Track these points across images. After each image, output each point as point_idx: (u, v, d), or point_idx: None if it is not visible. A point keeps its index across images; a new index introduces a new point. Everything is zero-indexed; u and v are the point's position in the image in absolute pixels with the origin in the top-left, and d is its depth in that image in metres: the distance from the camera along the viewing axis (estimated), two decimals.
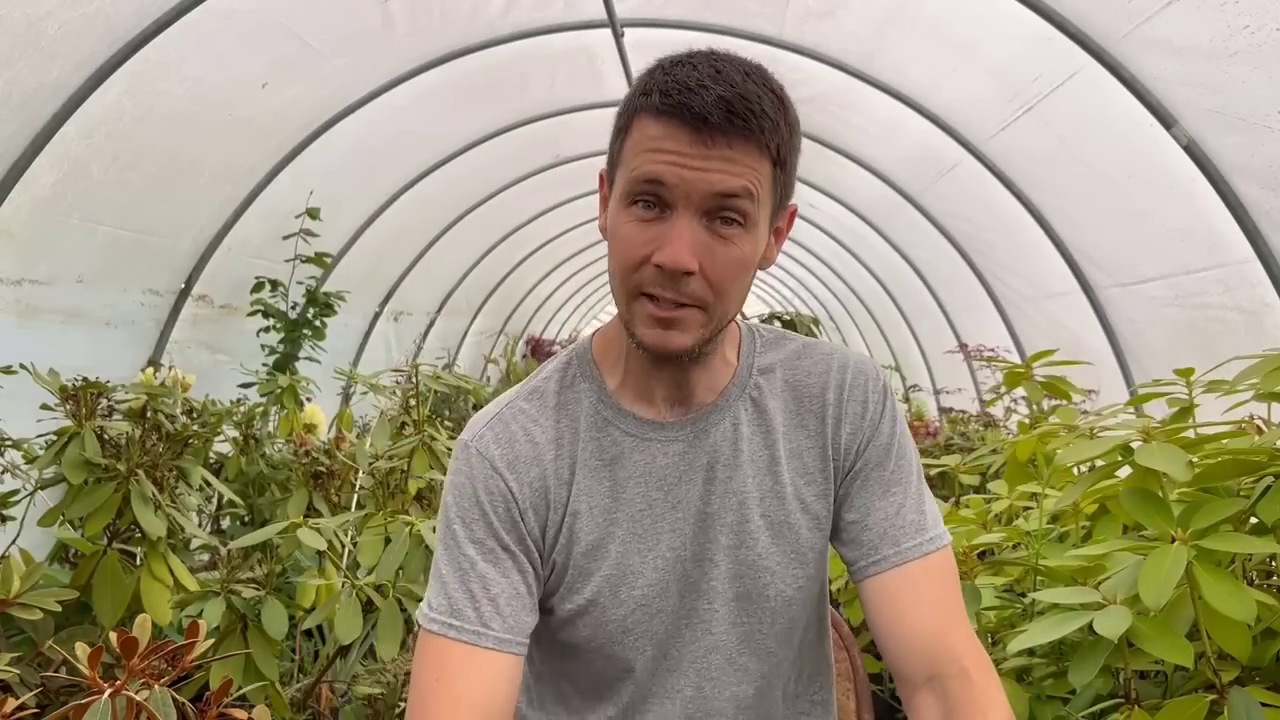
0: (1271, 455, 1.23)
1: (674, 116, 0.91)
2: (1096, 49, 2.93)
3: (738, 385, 1.09)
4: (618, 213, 0.96)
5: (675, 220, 0.92)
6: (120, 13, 2.65)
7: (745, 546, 1.05)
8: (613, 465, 1.05)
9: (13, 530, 2.09)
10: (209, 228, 3.87)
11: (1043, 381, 2.12)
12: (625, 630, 1.05)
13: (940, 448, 4.41)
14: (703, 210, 0.92)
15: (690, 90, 0.90)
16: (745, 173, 0.92)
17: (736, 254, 0.94)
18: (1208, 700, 1.10)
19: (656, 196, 0.93)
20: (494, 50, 4.12)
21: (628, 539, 1.04)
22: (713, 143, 0.90)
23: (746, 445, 1.06)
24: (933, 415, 6.71)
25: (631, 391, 1.07)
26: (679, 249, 0.91)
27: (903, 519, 1.05)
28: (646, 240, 0.93)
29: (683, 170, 0.91)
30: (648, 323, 0.96)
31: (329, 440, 2.76)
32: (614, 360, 1.09)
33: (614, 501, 1.05)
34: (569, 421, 1.07)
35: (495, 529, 1.01)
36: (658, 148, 0.92)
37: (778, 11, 3.88)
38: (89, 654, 1.19)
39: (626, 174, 0.95)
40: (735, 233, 0.93)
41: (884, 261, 6.72)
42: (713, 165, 0.91)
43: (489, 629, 0.97)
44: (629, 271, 0.95)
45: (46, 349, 2.98)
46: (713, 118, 0.89)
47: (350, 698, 2.30)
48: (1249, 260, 2.82)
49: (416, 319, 6.82)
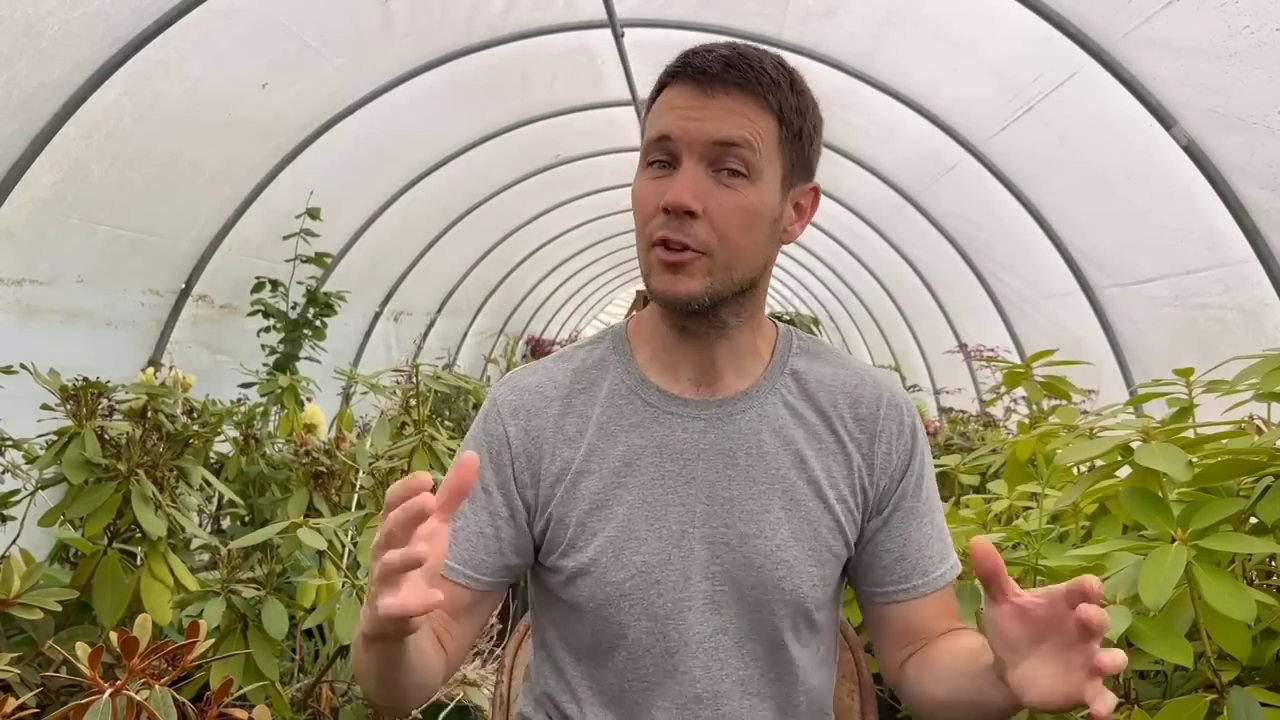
0: (1271, 455, 1.23)
1: (680, 77, 0.99)
2: (1096, 49, 2.93)
3: (768, 380, 1.10)
4: (638, 176, 1.03)
5: (681, 170, 0.98)
6: (120, 13, 2.65)
7: (764, 536, 1.06)
8: (630, 432, 1.08)
9: (13, 530, 2.09)
10: (209, 228, 3.87)
11: (1042, 381, 2.12)
12: (623, 594, 1.05)
13: (940, 448, 4.40)
14: (706, 159, 0.98)
15: (696, 53, 0.99)
16: (745, 124, 0.97)
17: (741, 201, 0.98)
18: (1207, 700, 1.10)
19: (666, 152, 0.99)
20: (494, 50, 4.12)
21: (635, 504, 1.06)
22: (712, 93, 0.97)
23: (771, 439, 1.08)
24: (933, 415, 6.71)
25: (659, 366, 1.10)
26: (680, 189, 0.96)
27: (932, 549, 1.11)
28: (658, 192, 0.99)
29: (685, 122, 0.97)
30: (658, 269, 1.00)
31: (329, 440, 2.76)
32: (646, 337, 1.13)
33: (625, 466, 1.07)
34: (588, 384, 1.11)
35: (482, 465, 1.06)
36: (666, 106, 1.00)
37: (777, 11, 3.88)
38: (89, 654, 1.19)
39: (644, 142, 1.03)
40: (739, 182, 0.98)
41: (884, 261, 6.72)
42: (711, 114, 0.97)
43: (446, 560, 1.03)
44: (644, 223, 1.00)
45: (46, 349, 2.98)
46: (711, 69, 0.97)
47: (350, 698, 2.30)
48: (1249, 260, 2.82)
49: (416, 319, 6.82)
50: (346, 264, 5.04)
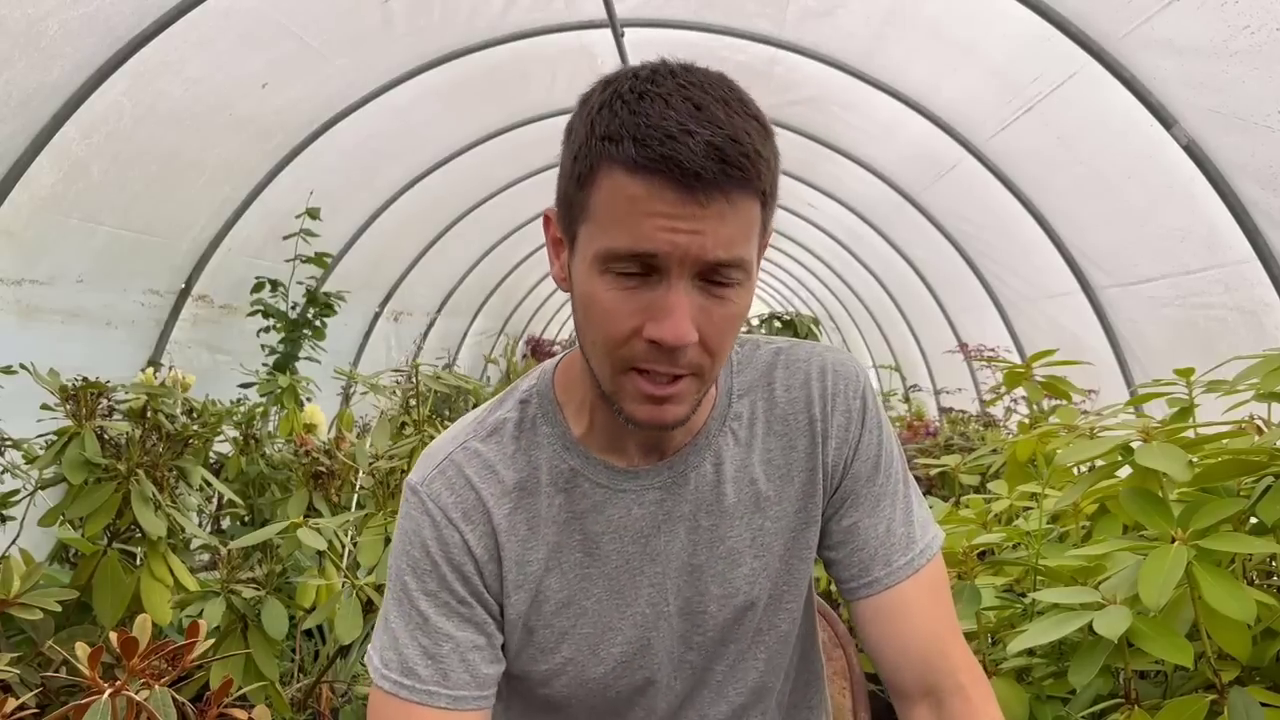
0: (1271, 455, 1.23)
1: (658, 174, 0.77)
2: (1096, 49, 2.93)
3: (716, 418, 0.99)
4: (592, 278, 0.83)
5: (668, 289, 0.80)
6: (120, 13, 2.65)
7: (741, 594, 1.00)
8: (583, 519, 0.97)
9: (13, 530, 2.10)
10: (209, 228, 3.87)
11: (1043, 381, 2.12)
12: (606, 686, 1.00)
13: (940, 448, 4.41)
14: (695, 274, 0.81)
15: (673, 139, 0.76)
16: (743, 233, 0.81)
17: (733, 311, 0.84)
18: (1208, 700, 1.10)
19: (642, 265, 0.80)
20: (494, 50, 4.12)
21: (604, 596, 0.98)
22: (708, 200, 0.77)
23: (731, 487, 0.99)
24: (933, 415, 6.71)
25: (601, 439, 0.97)
26: (679, 323, 0.80)
27: (892, 536, 1.01)
28: (633, 310, 0.81)
29: (674, 236, 0.78)
30: (640, 399, 0.86)
31: (329, 440, 2.76)
32: (578, 404, 0.98)
33: (587, 557, 0.97)
34: (530, 469, 0.97)
35: (448, 581, 0.94)
36: (640, 211, 0.78)
37: (777, 11, 3.88)
38: (89, 654, 1.19)
39: (601, 237, 0.81)
40: (731, 291, 0.83)
41: (884, 261, 6.72)
42: (708, 226, 0.78)
43: (443, 688, 0.92)
44: (615, 346, 0.83)
45: (46, 349, 2.98)
46: (706, 172, 0.76)
47: (350, 698, 2.30)
48: (1249, 260, 2.81)
49: (416, 319, 6.82)
50: (346, 264, 5.04)
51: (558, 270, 0.91)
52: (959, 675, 0.98)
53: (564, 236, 0.88)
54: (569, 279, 0.88)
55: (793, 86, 4.55)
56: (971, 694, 0.97)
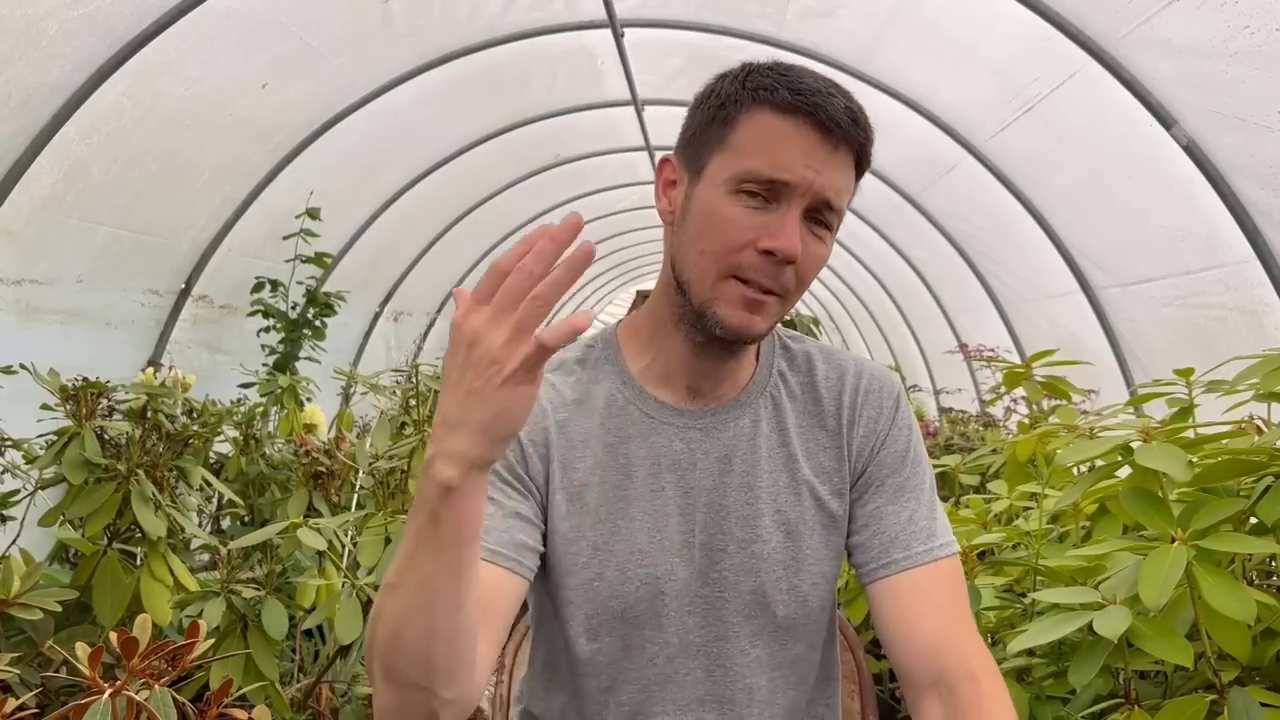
0: (1271, 455, 1.23)
1: (805, 116, 0.95)
2: (1096, 49, 2.93)
3: (759, 384, 1.11)
4: (720, 197, 0.98)
5: (785, 212, 0.96)
6: (120, 13, 2.65)
7: (760, 540, 1.06)
8: (628, 444, 1.07)
9: (13, 530, 2.10)
10: (209, 228, 3.87)
11: (1042, 381, 2.12)
12: (628, 606, 1.05)
13: (940, 448, 4.40)
14: (805, 207, 0.97)
15: (819, 93, 0.95)
16: (847, 183, 0.99)
17: (822, 251, 1.01)
18: (1208, 700, 1.10)
19: (769, 189, 0.96)
20: (494, 50, 4.12)
21: (638, 517, 1.06)
22: (837, 148, 0.96)
23: (765, 443, 1.08)
24: (932, 415, 6.71)
25: (655, 376, 1.09)
26: (793, 239, 0.95)
27: (914, 525, 1.06)
28: (753, 225, 0.96)
29: (807, 170, 0.95)
30: (735, 303, 0.98)
31: (329, 440, 2.76)
32: (642, 344, 1.11)
33: (626, 479, 1.06)
34: (587, 393, 1.10)
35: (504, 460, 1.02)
36: (785, 144, 0.95)
37: (777, 11, 3.88)
38: (89, 654, 1.19)
39: (739, 165, 0.96)
40: (824, 234, 1.00)
41: (884, 262, 6.72)
42: (831, 170, 0.96)
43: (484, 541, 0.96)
44: (729, 253, 0.97)
45: (46, 349, 2.98)
46: (842, 123, 0.95)
47: (350, 698, 2.30)
48: (1249, 260, 2.82)
49: (416, 319, 6.82)
50: (346, 264, 5.04)
51: (665, 204, 1.06)
52: (971, 663, 0.99)
53: (688, 170, 1.03)
54: (682, 208, 1.03)
55: None
56: (982, 680, 0.98)
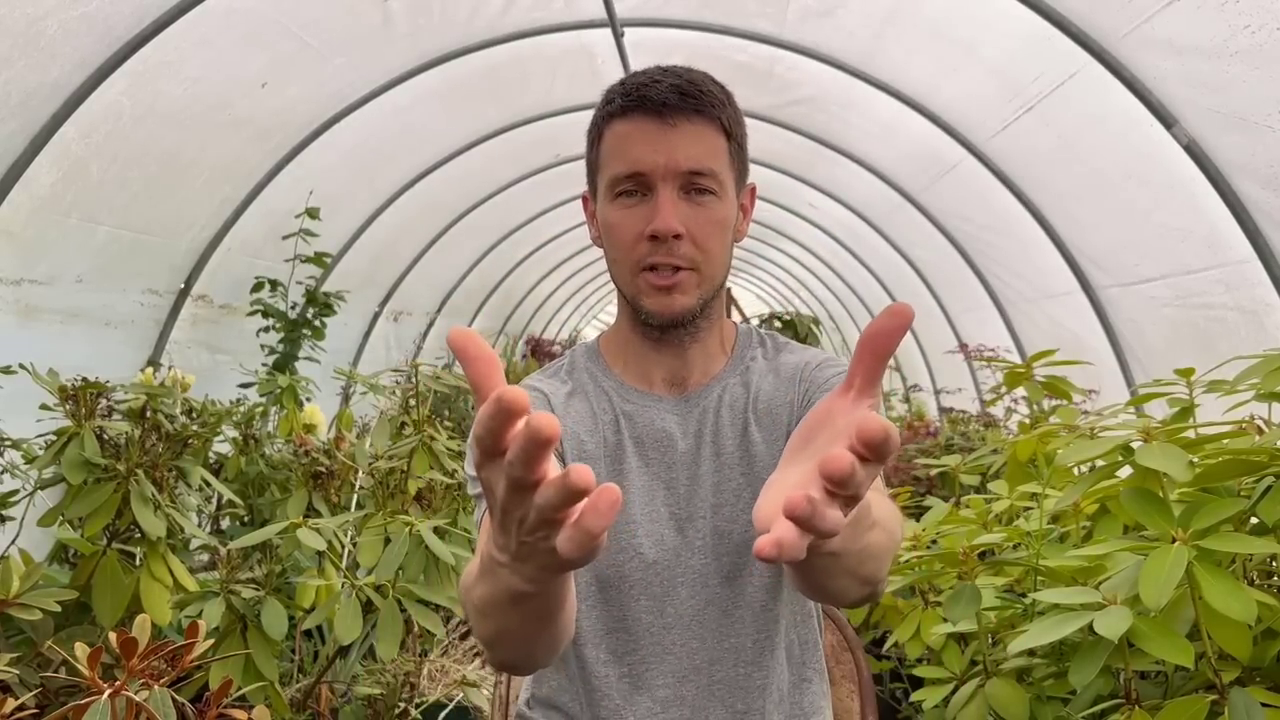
0: (1272, 455, 1.22)
1: (636, 110, 1.07)
2: (1097, 49, 2.93)
3: (729, 371, 1.21)
4: (607, 207, 1.11)
5: (658, 197, 1.07)
6: (120, 13, 2.65)
7: (728, 504, 1.13)
8: (618, 426, 1.17)
9: (12, 530, 2.09)
10: (208, 228, 3.87)
11: (1043, 381, 2.12)
12: (622, 577, 1.12)
13: (940, 448, 4.40)
14: (678, 185, 1.07)
15: (645, 85, 1.07)
16: (708, 149, 1.08)
17: (714, 215, 1.09)
18: (1208, 700, 1.10)
19: (637, 184, 1.08)
20: (493, 50, 4.11)
21: (629, 490, 1.14)
22: (674, 122, 1.06)
23: (728, 410, 1.17)
24: (933, 415, 6.71)
25: (634, 374, 1.20)
26: (666, 216, 1.06)
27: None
28: (637, 220, 1.08)
29: (654, 155, 1.06)
30: (651, 292, 1.09)
31: (329, 440, 2.76)
32: (617, 350, 1.23)
33: (617, 457, 1.16)
34: (575, 389, 1.21)
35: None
36: (631, 141, 1.07)
37: (778, 11, 3.88)
38: (89, 654, 1.19)
39: (607, 175, 1.10)
40: (709, 199, 1.09)
41: (884, 261, 6.71)
42: (678, 144, 1.06)
43: None
44: (628, 249, 1.09)
45: (46, 349, 2.98)
46: (670, 101, 1.06)
47: (350, 698, 2.30)
48: (1249, 260, 2.81)
49: (416, 319, 6.82)
50: (346, 264, 5.04)
51: (593, 232, 1.19)
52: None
53: (592, 197, 1.18)
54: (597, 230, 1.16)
55: (793, 86, 4.54)
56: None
